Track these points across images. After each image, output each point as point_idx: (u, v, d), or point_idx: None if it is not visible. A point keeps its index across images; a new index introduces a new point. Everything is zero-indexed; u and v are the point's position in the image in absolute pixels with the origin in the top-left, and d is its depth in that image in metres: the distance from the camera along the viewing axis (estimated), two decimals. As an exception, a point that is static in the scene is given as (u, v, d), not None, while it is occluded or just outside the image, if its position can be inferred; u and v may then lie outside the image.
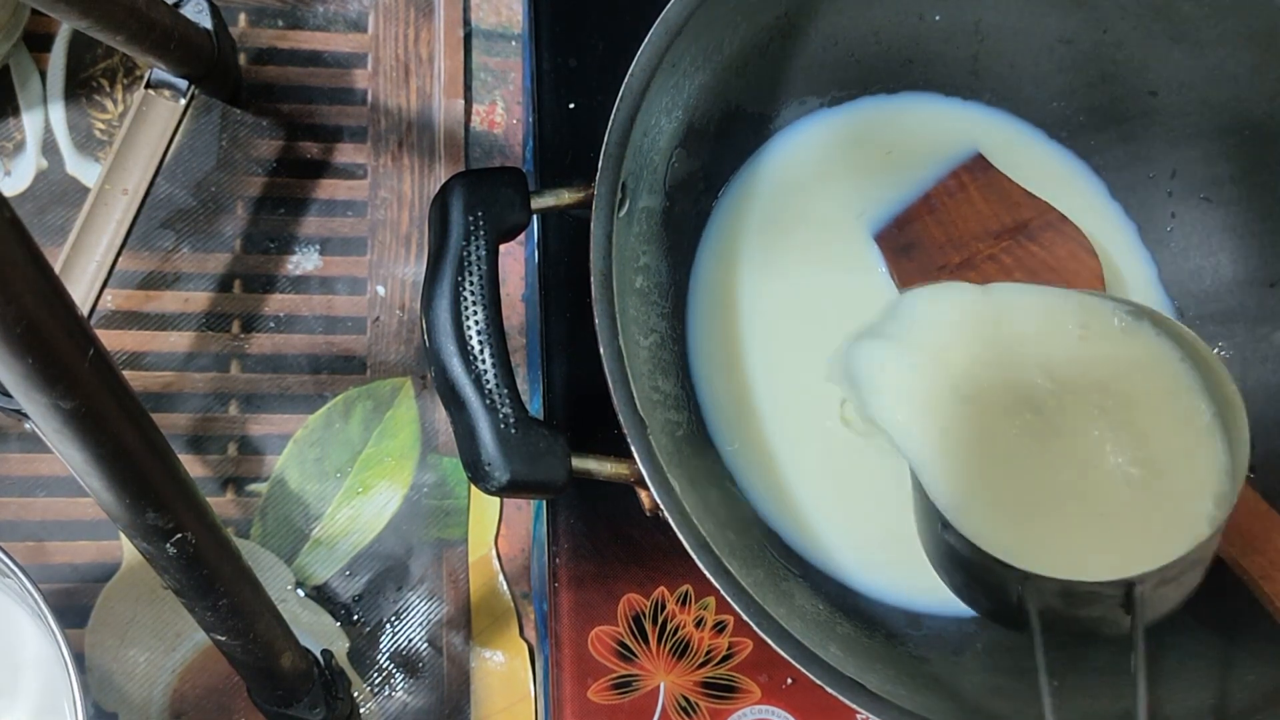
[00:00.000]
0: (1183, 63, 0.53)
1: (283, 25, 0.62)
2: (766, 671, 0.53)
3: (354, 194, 0.61)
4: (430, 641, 0.56)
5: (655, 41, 0.46)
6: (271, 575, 0.56)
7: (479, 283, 0.44)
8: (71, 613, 0.54)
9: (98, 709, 0.54)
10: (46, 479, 0.56)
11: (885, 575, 0.51)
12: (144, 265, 0.59)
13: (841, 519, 0.52)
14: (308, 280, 0.60)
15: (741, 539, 0.50)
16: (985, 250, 0.54)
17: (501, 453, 0.43)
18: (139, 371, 0.58)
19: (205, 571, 0.37)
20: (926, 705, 0.43)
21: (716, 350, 0.53)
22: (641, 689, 0.53)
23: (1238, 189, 0.54)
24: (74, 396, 0.28)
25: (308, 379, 0.59)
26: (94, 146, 0.60)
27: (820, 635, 0.44)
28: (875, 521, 0.51)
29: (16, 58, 0.60)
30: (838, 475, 0.52)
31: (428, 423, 0.59)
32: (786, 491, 0.52)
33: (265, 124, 0.61)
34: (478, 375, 0.43)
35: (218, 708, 0.54)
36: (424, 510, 0.58)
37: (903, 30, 0.56)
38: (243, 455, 0.58)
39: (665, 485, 0.42)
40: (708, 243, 0.55)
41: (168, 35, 0.50)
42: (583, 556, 0.54)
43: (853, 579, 0.51)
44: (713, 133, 0.54)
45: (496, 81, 0.64)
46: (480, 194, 0.45)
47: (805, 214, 0.55)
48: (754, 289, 0.54)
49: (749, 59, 0.53)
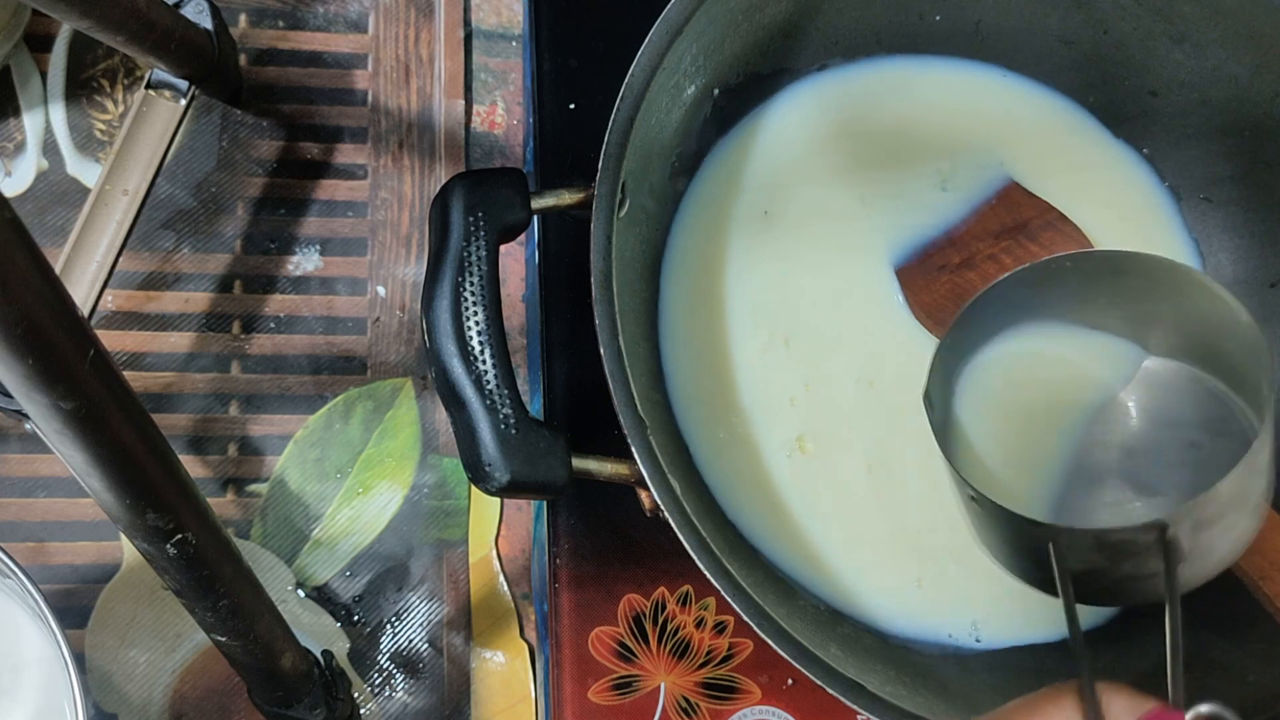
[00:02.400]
0: (1183, 63, 0.53)
1: (283, 26, 0.62)
2: (767, 672, 0.53)
3: (354, 195, 0.61)
4: (431, 642, 0.56)
5: (655, 42, 0.46)
6: (272, 576, 0.56)
7: (479, 283, 0.44)
8: (72, 613, 0.54)
9: (98, 709, 0.54)
10: (47, 479, 0.56)
11: (881, 600, 0.51)
12: (144, 266, 0.59)
13: (824, 538, 0.51)
14: (308, 281, 0.60)
15: (741, 540, 0.50)
16: (985, 250, 0.54)
17: (502, 453, 0.43)
18: (139, 372, 0.58)
19: (205, 572, 0.37)
20: (927, 706, 0.43)
21: (688, 347, 0.53)
22: (642, 689, 0.53)
23: (1238, 189, 0.54)
24: (74, 397, 0.28)
25: (308, 379, 0.59)
26: (94, 147, 0.60)
27: (820, 636, 0.44)
28: (859, 539, 0.51)
29: (17, 58, 0.60)
30: (810, 494, 0.52)
31: (428, 423, 0.59)
32: (767, 511, 0.51)
33: (266, 125, 0.61)
34: (478, 376, 0.43)
35: (218, 708, 0.54)
36: (424, 511, 0.58)
37: (903, 31, 0.56)
38: (243, 456, 0.58)
39: (665, 485, 0.42)
40: (681, 231, 0.54)
41: (168, 36, 0.50)
42: (583, 557, 0.54)
43: (840, 602, 0.51)
44: (713, 132, 0.54)
45: (497, 82, 0.64)
46: (481, 195, 0.45)
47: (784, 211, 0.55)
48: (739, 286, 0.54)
49: (750, 59, 0.53)
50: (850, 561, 0.50)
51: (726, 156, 0.55)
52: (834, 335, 0.53)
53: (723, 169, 0.54)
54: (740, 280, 0.53)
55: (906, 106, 0.56)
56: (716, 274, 0.53)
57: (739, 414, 0.52)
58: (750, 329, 0.52)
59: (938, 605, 0.51)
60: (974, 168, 0.55)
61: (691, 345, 0.52)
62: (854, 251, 0.54)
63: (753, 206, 0.54)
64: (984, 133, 0.57)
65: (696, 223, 0.54)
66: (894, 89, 0.57)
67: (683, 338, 0.52)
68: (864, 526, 0.51)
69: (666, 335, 0.52)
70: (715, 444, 0.51)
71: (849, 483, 0.51)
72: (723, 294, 0.53)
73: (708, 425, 0.51)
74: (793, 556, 0.50)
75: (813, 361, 0.53)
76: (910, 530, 0.51)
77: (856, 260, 0.54)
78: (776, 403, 0.52)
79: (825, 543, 0.50)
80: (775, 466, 0.51)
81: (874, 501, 0.51)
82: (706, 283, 0.53)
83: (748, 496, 0.50)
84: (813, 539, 0.50)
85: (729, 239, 0.53)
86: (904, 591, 0.50)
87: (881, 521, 0.51)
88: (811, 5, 0.53)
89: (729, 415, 0.51)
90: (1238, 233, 0.55)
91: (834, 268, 0.54)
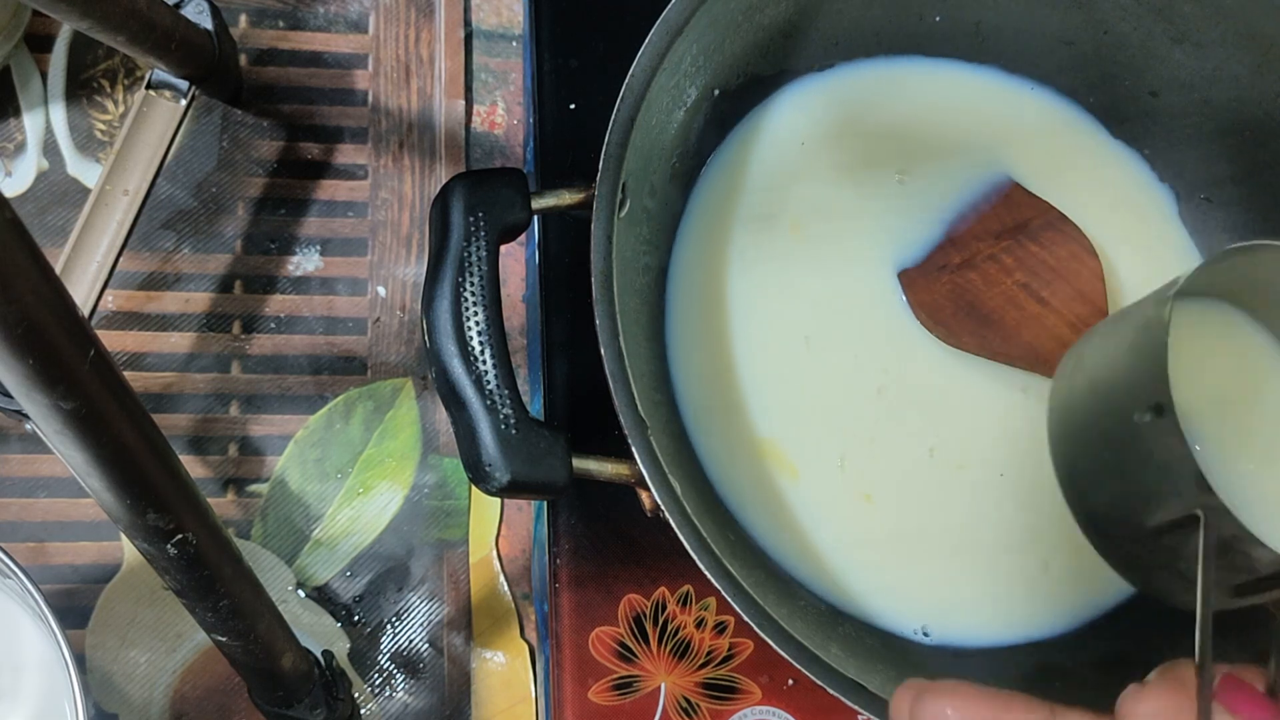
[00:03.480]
0: (1184, 64, 0.53)
1: (283, 26, 0.62)
2: (767, 672, 0.53)
3: (355, 195, 0.61)
4: (431, 642, 0.56)
5: (656, 42, 0.46)
6: (272, 576, 0.56)
7: (480, 283, 0.44)
8: (72, 614, 0.54)
9: (98, 710, 0.54)
10: (47, 480, 0.56)
11: (891, 601, 0.51)
12: (145, 266, 0.59)
13: (835, 539, 0.51)
14: (308, 281, 0.60)
15: (743, 539, 0.50)
16: (986, 250, 0.54)
17: (502, 453, 0.43)
18: (140, 372, 0.58)
19: (206, 572, 0.37)
20: (927, 706, 0.43)
21: (695, 347, 0.53)
22: (642, 690, 0.53)
23: (1238, 189, 0.54)
24: (75, 397, 0.28)
25: (308, 380, 0.59)
26: (95, 147, 0.60)
27: (822, 636, 0.44)
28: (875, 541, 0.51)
29: (17, 58, 0.60)
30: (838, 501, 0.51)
31: (428, 423, 0.59)
32: (770, 511, 0.51)
33: (266, 125, 0.61)
34: (478, 376, 0.43)
35: (218, 709, 0.54)
36: (425, 511, 0.58)
37: (903, 31, 0.56)
38: (243, 456, 0.58)
39: (666, 486, 0.42)
40: (686, 235, 0.54)
41: (168, 36, 0.50)
42: (583, 557, 0.54)
43: (851, 604, 0.51)
44: (714, 132, 0.54)
45: (497, 82, 0.64)
46: (481, 195, 0.45)
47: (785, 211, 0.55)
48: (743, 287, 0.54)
49: (750, 60, 0.53)
50: (852, 561, 0.50)
51: (727, 157, 0.55)
52: (835, 335, 0.53)
53: (724, 169, 0.54)
54: (742, 280, 0.53)
55: (907, 107, 0.56)
56: (719, 273, 0.53)
57: (742, 414, 0.52)
58: (752, 329, 0.52)
59: (939, 605, 0.51)
60: (974, 168, 0.55)
61: (695, 346, 0.52)
62: (855, 251, 0.54)
63: (754, 206, 0.54)
64: (984, 133, 0.57)
65: (698, 223, 0.54)
66: (894, 89, 0.57)
67: (687, 338, 0.52)
68: (866, 526, 0.51)
69: (671, 336, 0.52)
70: (718, 444, 0.51)
71: (851, 483, 0.51)
72: (725, 293, 0.53)
73: (711, 425, 0.51)
74: (795, 555, 0.50)
75: (815, 361, 0.53)
76: (912, 530, 0.51)
77: (857, 260, 0.54)
78: (779, 403, 0.52)
79: (827, 542, 0.50)
80: (779, 468, 0.51)
81: (876, 501, 0.51)
82: (709, 282, 0.53)
83: (751, 496, 0.50)
84: (815, 538, 0.50)
85: (730, 239, 0.53)
86: (906, 591, 0.50)
87: (883, 521, 0.51)
88: (812, 6, 0.53)
89: (732, 415, 0.51)
90: (1238, 233, 0.55)
91: (835, 268, 0.54)
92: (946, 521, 0.51)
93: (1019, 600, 0.51)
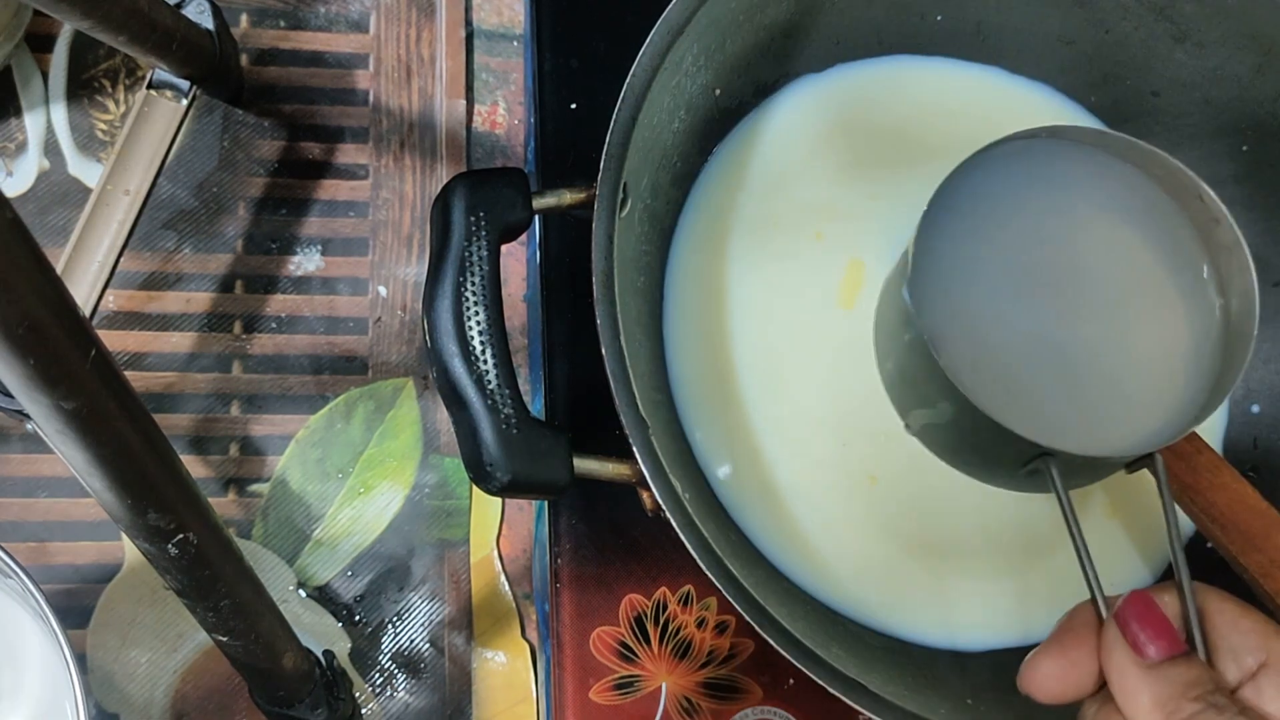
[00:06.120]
0: (1185, 63, 0.53)
1: (284, 26, 0.62)
2: (768, 672, 0.53)
3: (356, 195, 0.61)
4: (432, 642, 0.56)
5: (657, 42, 0.46)
6: (273, 576, 0.56)
7: (481, 283, 0.44)
8: (73, 613, 0.54)
9: (99, 710, 0.54)
10: (48, 480, 0.56)
11: (888, 611, 0.51)
12: (146, 266, 0.59)
13: (835, 545, 0.51)
14: (309, 281, 0.60)
15: (744, 539, 0.50)
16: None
17: (503, 453, 0.43)
18: (141, 372, 0.58)
19: (207, 572, 0.37)
20: (928, 705, 0.43)
21: (694, 348, 0.53)
22: (643, 690, 0.53)
23: (1239, 189, 0.54)
24: (76, 397, 0.28)
25: (309, 379, 0.59)
26: (96, 147, 0.60)
27: (822, 636, 0.44)
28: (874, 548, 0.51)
29: (18, 58, 0.60)
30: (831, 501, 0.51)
31: (429, 423, 0.59)
32: (771, 511, 0.51)
33: (267, 125, 0.61)
34: (479, 375, 0.43)
35: (219, 708, 0.54)
36: (426, 511, 0.58)
37: (904, 31, 0.56)
38: (244, 456, 0.58)
39: (667, 486, 0.42)
40: (686, 235, 0.54)
41: (169, 36, 0.50)
42: (584, 557, 0.54)
43: (847, 608, 0.51)
44: (715, 132, 0.54)
45: (498, 82, 0.64)
46: (482, 194, 0.45)
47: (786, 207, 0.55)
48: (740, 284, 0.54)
49: (751, 59, 0.53)
50: (854, 561, 0.50)
51: (729, 156, 0.55)
52: (836, 335, 0.53)
53: (725, 169, 0.54)
54: (743, 279, 0.53)
55: (908, 106, 0.56)
56: (719, 273, 0.53)
57: (743, 414, 0.51)
58: (753, 329, 0.52)
59: (939, 605, 0.50)
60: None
61: (695, 345, 0.52)
62: (856, 251, 0.54)
63: (755, 206, 0.54)
64: (985, 133, 0.56)
65: (699, 222, 0.54)
66: (895, 89, 0.57)
67: (687, 338, 0.52)
68: (867, 526, 0.51)
69: (671, 335, 0.52)
70: (719, 444, 0.51)
71: (852, 483, 0.51)
72: (725, 293, 0.53)
73: (711, 424, 0.51)
74: (795, 556, 0.50)
75: (816, 361, 0.52)
76: (913, 530, 0.51)
77: (858, 260, 0.54)
78: (780, 403, 0.52)
79: (828, 543, 0.50)
80: (779, 466, 0.51)
81: (877, 501, 0.51)
82: (710, 282, 0.53)
83: (751, 496, 0.50)
84: (816, 539, 0.50)
85: (730, 238, 0.53)
86: (906, 591, 0.50)
87: (884, 521, 0.51)
88: (813, 5, 0.53)
89: (733, 415, 0.51)
90: (1239, 233, 0.55)
91: (835, 267, 0.54)
92: (950, 521, 0.51)
93: (1024, 603, 0.51)
